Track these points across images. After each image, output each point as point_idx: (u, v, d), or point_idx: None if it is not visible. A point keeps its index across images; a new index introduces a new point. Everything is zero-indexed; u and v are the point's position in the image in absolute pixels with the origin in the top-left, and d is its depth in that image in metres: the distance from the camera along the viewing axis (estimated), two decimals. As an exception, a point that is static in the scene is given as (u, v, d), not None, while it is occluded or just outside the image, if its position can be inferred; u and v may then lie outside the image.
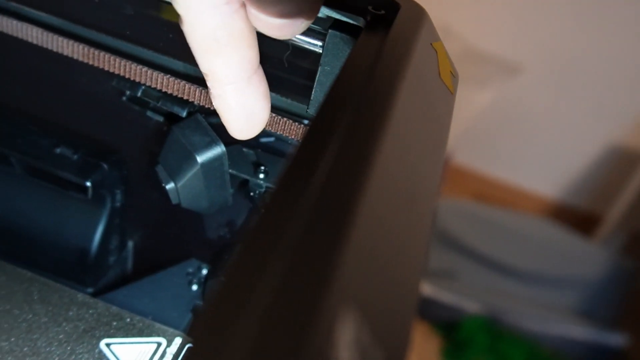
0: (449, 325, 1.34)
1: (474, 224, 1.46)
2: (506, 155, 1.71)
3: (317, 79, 0.31)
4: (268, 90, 0.27)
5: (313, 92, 0.31)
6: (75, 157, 0.38)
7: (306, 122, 0.34)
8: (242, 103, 0.26)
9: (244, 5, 0.24)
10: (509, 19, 1.48)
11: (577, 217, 1.71)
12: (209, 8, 0.23)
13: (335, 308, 0.14)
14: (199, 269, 0.41)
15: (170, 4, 0.25)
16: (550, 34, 1.47)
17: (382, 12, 0.28)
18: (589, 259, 1.48)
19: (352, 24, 0.29)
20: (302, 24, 0.25)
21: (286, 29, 0.25)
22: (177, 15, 0.24)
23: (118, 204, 0.40)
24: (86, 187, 0.37)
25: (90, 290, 0.41)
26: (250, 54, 0.25)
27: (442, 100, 0.27)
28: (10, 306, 0.35)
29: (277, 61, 0.36)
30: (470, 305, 1.33)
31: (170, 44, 0.36)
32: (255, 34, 0.25)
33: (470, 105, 1.43)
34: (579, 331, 1.36)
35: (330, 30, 0.29)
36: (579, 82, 1.52)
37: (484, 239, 1.44)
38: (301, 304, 0.14)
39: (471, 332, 1.29)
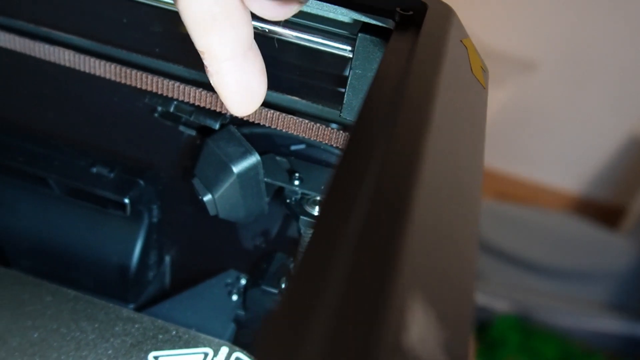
0: (480, 326, 1.33)
1: (498, 223, 1.45)
2: (526, 152, 1.70)
3: (349, 82, 0.31)
4: (264, 65, 0.28)
5: (345, 96, 0.31)
6: (112, 175, 0.38)
7: (335, 125, 0.34)
8: (240, 78, 0.26)
9: None
10: (522, 16, 1.48)
11: (601, 210, 1.69)
12: None
13: (403, 296, 0.14)
14: (238, 279, 0.42)
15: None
16: (565, 28, 1.47)
17: (410, 12, 0.28)
18: (615, 251, 1.46)
19: (381, 26, 0.30)
20: (295, 5, 0.26)
21: (279, 9, 0.26)
22: None
23: (155, 220, 0.41)
24: (124, 204, 0.38)
25: (131, 306, 0.42)
26: (246, 29, 0.25)
27: (477, 95, 0.27)
28: (58, 325, 0.35)
29: (305, 69, 0.37)
30: (500, 305, 1.32)
31: (200, 59, 0.37)
32: (248, 11, 0.26)
33: (488, 105, 1.42)
34: (611, 324, 1.35)
35: (359, 34, 0.30)
36: (596, 75, 1.51)
37: (510, 238, 1.43)
38: (371, 294, 0.14)
39: (503, 331, 1.29)
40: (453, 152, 0.22)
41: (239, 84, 0.26)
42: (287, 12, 0.26)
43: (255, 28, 0.33)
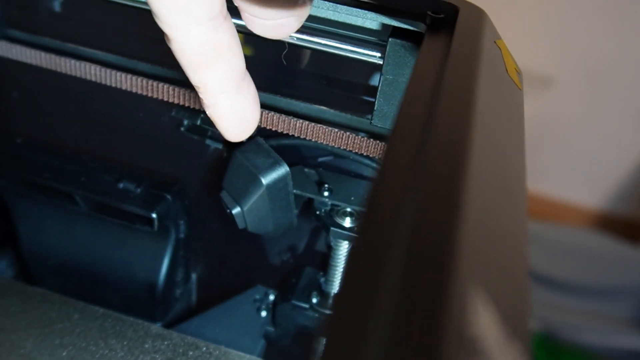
0: (504, 345, 1.31)
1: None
2: (546, 168, 1.68)
3: (379, 89, 0.30)
4: (256, 93, 0.28)
5: (377, 103, 0.31)
6: (139, 190, 0.38)
7: (363, 134, 0.34)
8: (234, 109, 0.27)
9: (227, 18, 0.24)
10: (537, 32, 1.48)
11: (624, 225, 1.67)
12: (194, 26, 0.23)
13: (464, 286, 0.13)
14: (266, 295, 0.41)
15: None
16: (581, 42, 1.46)
17: (442, 15, 0.28)
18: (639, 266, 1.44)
19: (412, 30, 0.29)
20: (295, 23, 0.26)
21: (280, 29, 0.26)
22: (164, 35, 0.24)
23: (182, 235, 0.41)
24: (152, 219, 0.37)
25: (159, 324, 0.41)
26: (237, 62, 0.26)
27: (514, 96, 0.27)
28: (86, 343, 0.35)
29: (332, 79, 0.36)
30: (525, 323, 1.30)
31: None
32: (239, 43, 0.26)
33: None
34: (637, 341, 1.32)
35: (390, 39, 0.29)
36: (615, 89, 1.50)
37: (533, 255, 1.41)
38: (430, 289, 0.13)
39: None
40: (498, 153, 0.21)
41: (233, 113, 0.27)
42: (288, 30, 0.26)
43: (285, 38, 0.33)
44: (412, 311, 0.13)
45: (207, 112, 0.27)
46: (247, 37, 0.44)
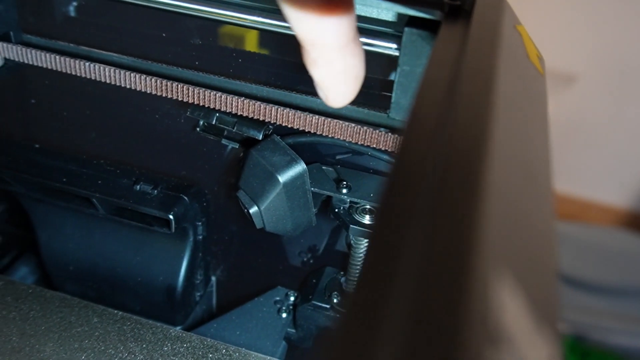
0: (533, 349, 1.28)
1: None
2: (570, 167, 1.65)
3: (396, 80, 0.30)
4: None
5: (394, 95, 0.30)
6: (155, 192, 0.38)
7: (382, 129, 0.33)
8: (351, 64, 0.25)
9: None
10: (559, 29, 1.45)
11: (652, 225, 1.63)
12: None
13: (487, 271, 0.12)
14: (287, 296, 0.40)
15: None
16: (603, 38, 1.43)
17: (459, 2, 0.27)
18: (671, 266, 1.40)
19: (429, 19, 0.28)
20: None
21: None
22: None
23: (200, 237, 0.40)
24: (169, 220, 0.37)
25: (179, 328, 0.41)
26: (354, 14, 0.24)
27: (537, 82, 0.26)
28: (105, 346, 0.34)
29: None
30: (554, 325, 1.27)
31: (240, 69, 0.36)
32: None
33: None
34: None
35: (406, 28, 0.29)
36: (638, 85, 1.47)
37: (561, 256, 1.38)
38: (454, 272, 0.12)
39: (559, 353, 1.23)
40: (521, 137, 0.20)
41: (347, 72, 0.25)
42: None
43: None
44: (431, 300, 0.12)
45: (315, 74, 0.25)
46: (261, 36, 0.44)
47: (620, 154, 1.59)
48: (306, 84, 0.35)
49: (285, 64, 0.37)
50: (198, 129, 0.37)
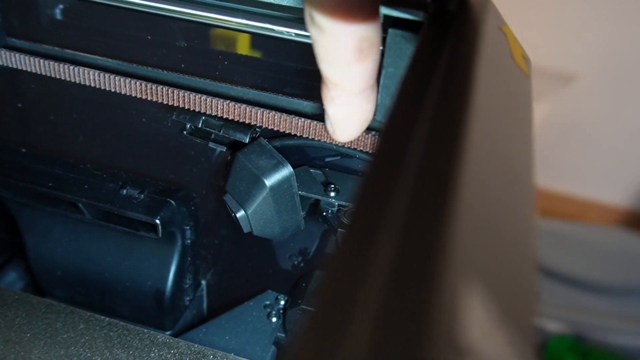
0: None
1: (546, 241, 1.41)
2: (570, 167, 1.65)
3: (381, 82, 0.29)
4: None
5: (379, 97, 0.30)
6: (142, 196, 0.37)
7: (367, 131, 0.33)
8: (363, 109, 0.26)
9: (378, 12, 0.24)
10: (558, 29, 1.45)
11: (653, 224, 1.63)
12: (358, 20, 0.23)
13: (455, 280, 0.12)
14: (277, 300, 0.40)
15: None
16: (602, 38, 1.43)
17: (443, 2, 0.27)
18: (671, 265, 1.40)
19: (414, 20, 0.28)
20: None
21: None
22: (314, 28, 0.23)
23: (188, 241, 0.40)
24: (156, 225, 0.36)
25: (169, 333, 0.40)
26: (378, 62, 0.25)
27: (520, 82, 0.25)
28: (91, 353, 0.34)
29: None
30: (554, 326, 1.27)
31: (226, 72, 0.36)
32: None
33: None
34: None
35: (390, 29, 0.28)
36: (638, 84, 1.46)
37: (559, 256, 1.38)
38: (419, 280, 0.12)
39: (558, 353, 1.23)
40: (500, 138, 0.20)
41: (359, 115, 0.26)
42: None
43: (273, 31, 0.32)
44: (396, 311, 0.12)
45: (329, 111, 0.26)
46: (247, 38, 0.43)
47: (619, 153, 1.58)
48: (293, 87, 0.35)
49: (271, 66, 0.36)
50: (185, 132, 0.37)
